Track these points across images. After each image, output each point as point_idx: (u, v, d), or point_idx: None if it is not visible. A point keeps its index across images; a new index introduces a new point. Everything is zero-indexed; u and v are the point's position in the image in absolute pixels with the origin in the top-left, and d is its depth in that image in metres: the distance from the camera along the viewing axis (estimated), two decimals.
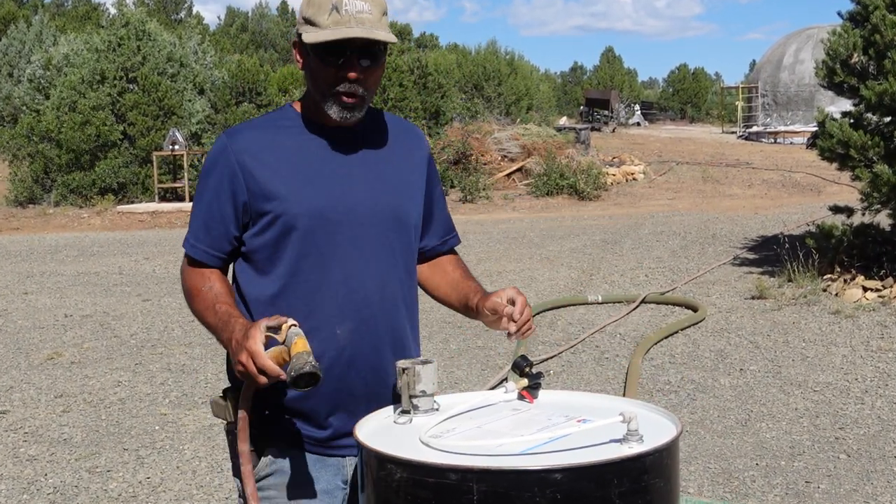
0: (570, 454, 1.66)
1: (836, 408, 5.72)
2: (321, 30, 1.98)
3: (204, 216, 2.08)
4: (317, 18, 1.99)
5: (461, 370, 6.73)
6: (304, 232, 2.02)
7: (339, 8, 1.97)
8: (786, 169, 22.77)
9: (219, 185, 2.06)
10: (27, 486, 4.73)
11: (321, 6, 1.98)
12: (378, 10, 2.00)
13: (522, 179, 20.84)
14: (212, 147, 2.14)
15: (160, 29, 22.44)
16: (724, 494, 4.45)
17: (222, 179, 2.05)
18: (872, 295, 8.68)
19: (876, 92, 8.83)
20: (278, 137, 2.08)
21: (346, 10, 1.97)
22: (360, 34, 1.96)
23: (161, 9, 47.99)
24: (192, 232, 2.10)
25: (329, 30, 1.97)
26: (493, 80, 29.22)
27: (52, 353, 7.52)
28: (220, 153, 2.07)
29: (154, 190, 19.85)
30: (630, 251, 12.30)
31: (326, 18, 1.97)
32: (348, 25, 1.96)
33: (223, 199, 2.05)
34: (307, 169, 2.05)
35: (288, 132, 2.09)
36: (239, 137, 2.08)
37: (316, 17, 1.99)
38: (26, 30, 34.67)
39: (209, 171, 2.08)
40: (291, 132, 2.09)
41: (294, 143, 2.08)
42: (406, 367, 1.92)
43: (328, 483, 2.08)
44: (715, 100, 56.47)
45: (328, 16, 1.97)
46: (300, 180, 2.04)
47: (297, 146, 2.07)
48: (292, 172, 2.04)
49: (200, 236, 2.08)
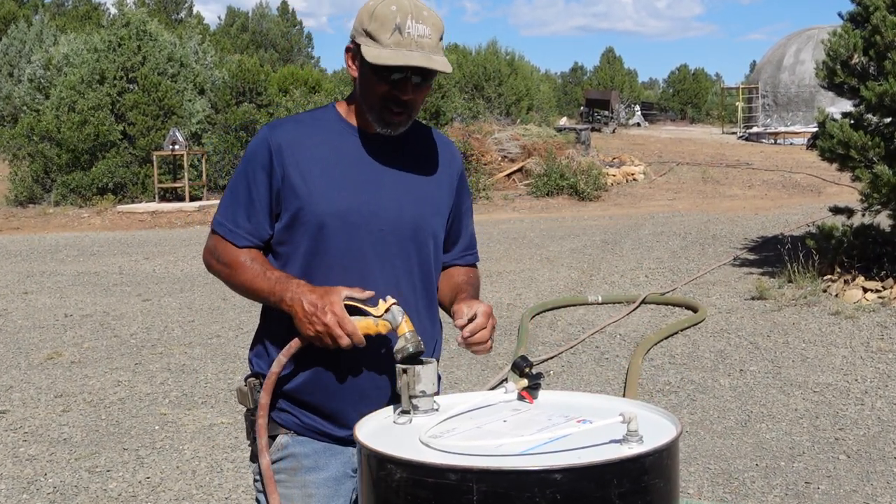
0: (570, 455, 1.66)
1: (836, 408, 5.72)
2: (382, 49, 2.02)
3: (244, 203, 2.12)
4: (378, 35, 2.02)
5: (461, 370, 6.73)
6: (326, 231, 2.08)
7: (401, 29, 2.01)
8: (786, 170, 22.77)
9: (258, 174, 2.11)
10: (27, 486, 4.73)
11: (384, 24, 2.02)
12: (437, 34, 2.06)
13: (522, 180, 20.84)
14: (253, 138, 2.20)
15: (160, 29, 22.43)
16: (723, 495, 4.45)
17: (261, 169, 2.11)
18: (872, 296, 8.68)
19: (876, 93, 8.83)
20: (317, 135, 2.14)
21: (409, 32, 2.01)
22: (420, 63, 2.00)
23: (161, 9, 48.01)
24: (228, 217, 2.15)
25: (390, 50, 2.01)
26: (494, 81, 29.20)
27: (51, 353, 7.52)
28: (260, 144, 2.13)
29: (154, 190, 19.85)
30: (630, 252, 12.30)
31: (388, 38, 2.01)
32: (409, 49, 2.01)
33: (262, 188, 2.11)
34: (339, 170, 2.11)
35: (328, 132, 2.15)
36: (280, 130, 2.13)
37: (378, 33, 2.02)
38: (27, 29, 34.71)
39: (249, 159, 2.14)
40: (331, 132, 2.15)
41: (332, 143, 2.13)
42: (406, 368, 1.93)
43: (337, 470, 2.14)
44: (715, 100, 56.49)
45: (390, 35, 2.01)
46: (330, 180, 2.09)
47: (334, 146, 2.13)
48: (324, 171, 2.10)
49: (241, 223, 2.12)
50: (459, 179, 2.28)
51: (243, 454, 5.00)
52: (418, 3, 2.06)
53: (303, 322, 1.97)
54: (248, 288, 2.10)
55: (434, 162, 2.23)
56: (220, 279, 2.18)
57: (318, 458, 2.13)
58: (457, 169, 2.29)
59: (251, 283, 2.09)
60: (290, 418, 2.14)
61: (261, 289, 2.07)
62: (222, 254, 2.14)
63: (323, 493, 2.12)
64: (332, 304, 1.95)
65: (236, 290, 2.16)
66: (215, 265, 2.17)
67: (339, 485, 2.14)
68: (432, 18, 2.06)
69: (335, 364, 2.09)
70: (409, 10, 2.03)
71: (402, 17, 2.02)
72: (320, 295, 1.98)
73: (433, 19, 2.06)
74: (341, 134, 2.15)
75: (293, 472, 2.12)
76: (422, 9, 2.05)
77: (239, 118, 20.95)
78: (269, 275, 2.07)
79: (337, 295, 1.97)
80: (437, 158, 2.24)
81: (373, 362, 2.09)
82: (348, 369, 2.10)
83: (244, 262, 2.11)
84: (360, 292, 1.99)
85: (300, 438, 2.13)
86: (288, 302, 2.01)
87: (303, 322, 1.97)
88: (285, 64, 40.73)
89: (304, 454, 2.13)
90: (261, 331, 2.21)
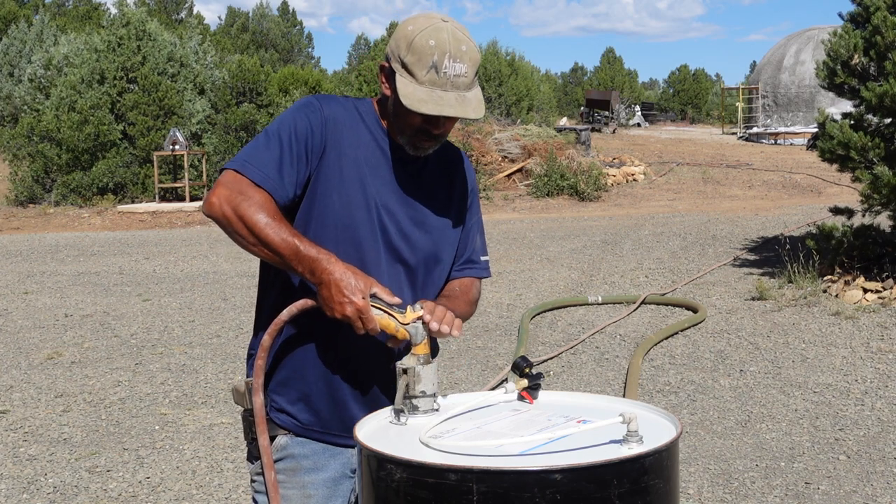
0: (569, 455, 1.66)
1: (836, 409, 5.72)
2: (417, 87, 1.99)
3: (278, 157, 2.00)
4: (414, 70, 2.00)
5: (461, 370, 6.73)
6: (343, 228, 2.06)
7: (438, 69, 1.99)
8: (786, 170, 22.77)
9: (301, 133, 2.03)
10: (27, 486, 4.73)
11: (422, 59, 1.99)
12: (473, 69, 2.03)
13: (523, 180, 20.83)
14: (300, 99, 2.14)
15: (160, 29, 22.43)
16: (723, 495, 4.45)
17: (307, 130, 2.03)
18: (872, 296, 8.68)
19: (876, 93, 8.83)
20: (359, 127, 2.11)
21: (445, 72, 1.99)
22: (452, 113, 1.99)
23: (162, 9, 48.02)
24: (255, 159, 2.00)
25: (425, 89, 1.99)
26: (494, 81, 29.18)
27: (52, 353, 7.52)
28: (312, 109, 2.06)
29: (154, 190, 19.86)
30: (630, 252, 12.30)
31: (424, 74, 1.99)
32: (444, 89, 1.99)
33: (301, 147, 2.02)
34: (370, 167, 2.09)
35: (367, 128, 2.13)
36: (330, 104, 2.10)
37: (414, 68, 2.00)
38: (27, 29, 34.71)
39: (297, 117, 2.04)
40: (370, 131, 2.13)
41: (369, 140, 2.12)
42: (406, 368, 1.93)
43: (335, 471, 2.14)
44: (715, 101, 56.50)
45: (426, 72, 1.99)
46: (359, 172, 2.07)
47: (369, 145, 2.11)
48: (357, 161, 2.08)
49: (272, 174, 1.98)
50: (472, 195, 2.28)
51: (243, 454, 5.00)
52: (458, 36, 2.01)
53: (333, 300, 1.90)
54: (269, 245, 1.93)
55: (451, 182, 2.23)
56: (231, 227, 1.96)
57: (317, 458, 2.13)
58: (469, 183, 2.28)
59: (274, 242, 1.92)
60: (288, 419, 2.13)
61: (285, 253, 1.93)
62: (243, 197, 1.94)
63: (321, 493, 2.13)
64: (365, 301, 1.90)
65: (248, 245, 1.96)
66: (221, 209, 1.95)
67: (337, 485, 2.14)
68: (470, 53, 2.02)
69: (336, 364, 2.10)
70: (448, 47, 1.99)
71: (439, 55, 1.98)
72: (360, 276, 1.91)
73: (471, 54, 2.02)
74: (377, 136, 2.13)
75: (292, 472, 2.12)
76: (461, 43, 2.01)
77: (239, 118, 20.95)
78: (298, 240, 1.93)
79: (372, 283, 1.93)
80: (454, 178, 2.24)
81: (375, 362, 2.09)
82: (349, 369, 2.10)
83: (268, 211, 1.94)
84: (389, 295, 1.95)
85: (299, 439, 2.13)
86: (319, 274, 1.91)
87: (333, 300, 1.90)
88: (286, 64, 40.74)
89: (302, 455, 2.13)
90: (258, 330, 2.20)
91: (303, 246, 1.93)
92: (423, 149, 2.10)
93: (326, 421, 2.12)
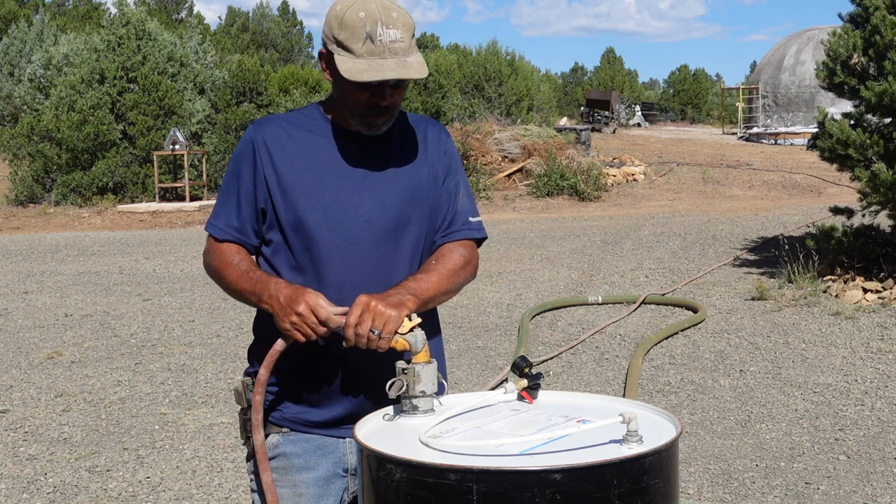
0: (569, 455, 1.66)
1: (836, 409, 5.72)
2: (356, 59, 2.00)
3: (234, 201, 2.15)
4: (350, 45, 2.01)
5: (461, 370, 6.73)
6: (311, 226, 2.08)
7: (373, 38, 1.99)
8: (786, 170, 22.76)
9: (244, 170, 2.14)
10: (27, 486, 4.73)
11: (354, 33, 2.00)
12: (409, 34, 2.03)
13: (523, 180, 20.83)
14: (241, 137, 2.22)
15: (160, 28, 22.42)
16: (723, 495, 4.45)
17: (247, 164, 2.14)
18: (872, 296, 8.68)
19: (876, 93, 8.83)
20: (301, 133, 2.15)
21: (381, 40, 1.99)
22: (395, 75, 1.99)
23: (162, 8, 48.01)
24: (221, 217, 2.17)
25: (364, 61, 1.99)
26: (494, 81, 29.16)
27: (52, 353, 7.52)
28: (247, 143, 2.16)
29: (154, 190, 19.86)
30: (630, 252, 12.30)
31: (360, 47, 2.00)
32: (382, 56, 1.99)
33: (247, 183, 2.13)
34: (321, 168, 2.12)
35: (312, 130, 2.16)
36: (265, 126, 2.16)
37: (349, 42, 2.01)
38: (27, 29, 34.69)
39: (238, 159, 2.16)
40: (315, 131, 2.16)
41: (315, 141, 2.14)
42: (406, 367, 1.93)
43: (327, 470, 2.15)
44: (716, 101, 56.48)
45: (362, 44, 2.00)
46: (312, 177, 2.10)
47: (317, 145, 2.14)
48: (306, 168, 2.11)
49: (229, 220, 2.15)
50: (447, 158, 2.23)
51: (243, 454, 5.00)
52: (386, 4, 2.02)
53: (279, 316, 1.98)
54: (234, 288, 2.11)
55: (413, 150, 2.19)
56: (215, 281, 2.19)
57: (308, 457, 2.14)
58: (444, 149, 2.23)
59: (236, 282, 2.10)
60: (277, 414, 2.15)
61: (244, 289, 2.08)
62: (213, 256, 2.16)
63: (313, 492, 2.14)
64: (306, 294, 1.96)
65: (227, 292, 2.16)
66: (207, 266, 2.20)
67: (328, 484, 2.15)
68: (402, 19, 2.02)
69: (331, 360, 2.10)
70: (378, 16, 1.99)
71: (371, 25, 1.99)
72: (294, 289, 1.99)
73: (403, 19, 2.02)
74: (325, 132, 2.15)
75: (284, 471, 2.13)
76: (390, 10, 2.02)
77: (239, 118, 20.94)
78: (252, 274, 2.08)
79: (313, 293, 1.97)
80: (416, 145, 2.20)
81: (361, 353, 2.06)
82: (344, 365, 2.10)
83: (231, 261, 2.13)
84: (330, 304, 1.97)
85: (291, 437, 2.14)
86: (266, 300, 2.02)
87: (279, 316, 1.98)
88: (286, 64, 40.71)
89: (294, 454, 2.14)
90: (257, 329, 2.22)
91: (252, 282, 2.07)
92: (376, 125, 2.08)
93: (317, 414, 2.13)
